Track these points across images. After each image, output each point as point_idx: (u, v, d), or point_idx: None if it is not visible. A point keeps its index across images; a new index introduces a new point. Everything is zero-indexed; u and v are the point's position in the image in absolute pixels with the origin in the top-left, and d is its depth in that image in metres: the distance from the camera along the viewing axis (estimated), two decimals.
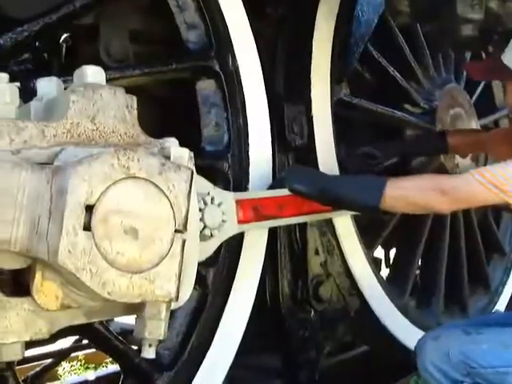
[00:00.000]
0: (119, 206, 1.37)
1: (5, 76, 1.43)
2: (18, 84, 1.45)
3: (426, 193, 2.20)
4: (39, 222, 1.32)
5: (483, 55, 3.94)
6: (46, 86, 1.59)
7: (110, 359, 4.59)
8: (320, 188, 2.27)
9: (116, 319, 3.41)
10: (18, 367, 2.27)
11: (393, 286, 3.34)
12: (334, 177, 2.58)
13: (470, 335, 2.30)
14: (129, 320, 3.30)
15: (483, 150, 3.52)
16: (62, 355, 3.97)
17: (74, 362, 4.90)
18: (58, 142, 1.42)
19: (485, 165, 3.84)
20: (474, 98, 4.03)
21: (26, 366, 3.71)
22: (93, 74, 1.52)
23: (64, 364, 4.78)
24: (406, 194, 2.22)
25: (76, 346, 4.17)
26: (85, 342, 4.08)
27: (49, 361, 3.79)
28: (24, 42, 1.94)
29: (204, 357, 2.30)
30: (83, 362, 4.89)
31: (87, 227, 1.33)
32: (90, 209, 1.33)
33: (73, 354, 4.47)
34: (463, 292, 3.89)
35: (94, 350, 4.41)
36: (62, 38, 2.64)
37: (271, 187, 2.42)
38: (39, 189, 1.32)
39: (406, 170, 3.34)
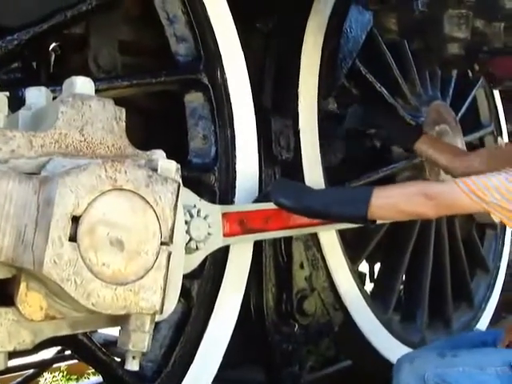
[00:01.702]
0: (105, 218, 1.37)
1: None
2: (7, 93, 1.45)
3: (411, 199, 2.21)
4: (25, 231, 1.32)
5: (469, 73, 3.99)
6: (35, 95, 1.60)
7: (92, 370, 4.56)
8: (306, 202, 2.27)
9: (99, 330, 3.39)
10: None
11: (377, 301, 3.35)
12: (320, 190, 2.58)
13: (446, 358, 2.30)
14: (112, 331, 3.30)
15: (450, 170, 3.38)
16: (44, 366, 3.95)
17: (56, 373, 4.87)
18: (45, 152, 1.42)
19: None
20: (459, 114, 4.06)
21: (8, 376, 3.69)
22: (82, 84, 1.52)
23: (46, 375, 4.75)
24: (393, 202, 2.23)
25: (58, 357, 4.14)
26: (67, 352, 4.05)
27: (31, 371, 3.77)
28: (14, 51, 1.94)
29: (187, 369, 2.29)
30: (65, 372, 4.86)
31: (73, 238, 1.32)
32: (76, 220, 1.33)
33: (55, 365, 4.44)
34: (447, 307, 3.91)
35: (76, 360, 4.38)
36: (51, 47, 2.64)
37: (257, 201, 2.42)
38: (26, 198, 1.32)
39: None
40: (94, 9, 2.12)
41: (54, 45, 2.64)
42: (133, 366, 1.51)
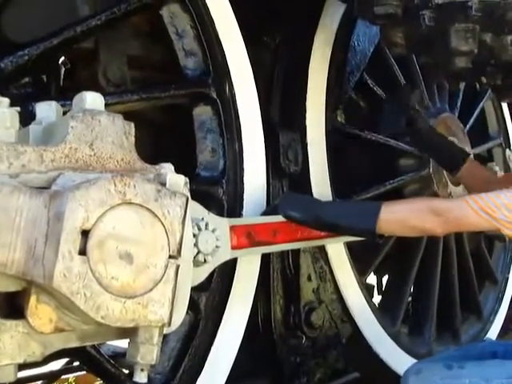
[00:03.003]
0: (115, 231, 1.38)
1: (6, 100, 1.45)
2: (18, 108, 1.47)
3: (420, 215, 2.22)
4: (35, 245, 1.33)
5: (477, 85, 4.00)
6: (45, 110, 1.61)
7: (100, 382, 4.56)
8: (314, 215, 2.28)
9: (107, 342, 3.40)
10: None
11: (385, 313, 3.35)
12: (328, 203, 2.60)
13: (452, 369, 2.29)
14: (120, 343, 3.30)
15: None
16: (52, 377, 3.95)
17: None
18: (56, 166, 1.44)
19: None
20: (467, 127, 4.07)
21: None
22: (92, 99, 1.54)
23: None
24: (401, 217, 2.24)
25: (66, 368, 4.15)
26: (75, 364, 4.06)
27: (39, 383, 3.77)
28: (24, 66, 1.96)
29: (195, 382, 2.29)
30: None
31: (83, 252, 1.34)
32: (85, 233, 1.34)
33: (63, 376, 4.44)
34: (455, 320, 3.90)
35: (84, 372, 4.38)
36: (60, 61, 2.67)
37: (265, 213, 2.43)
38: (37, 213, 1.33)
39: (398, 197, 3.36)
40: (104, 24, 2.15)
41: (63, 59, 2.68)
42: (141, 378, 1.52)
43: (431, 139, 3.23)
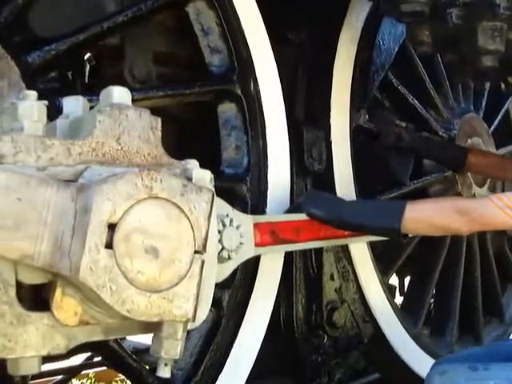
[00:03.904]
0: (141, 225, 1.39)
1: (33, 94, 1.46)
2: (46, 102, 1.48)
3: (445, 214, 2.20)
4: (62, 238, 1.34)
5: (502, 85, 3.97)
6: (72, 104, 1.62)
7: (121, 378, 4.59)
8: (337, 214, 2.28)
9: (128, 338, 3.42)
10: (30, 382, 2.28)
11: (407, 314, 3.33)
12: (352, 202, 2.58)
13: (477, 371, 2.27)
14: (142, 339, 3.32)
15: (503, 176, 3.46)
16: (72, 372, 3.98)
17: (85, 380, 4.89)
18: (83, 160, 1.45)
19: None
20: (492, 127, 4.04)
21: (37, 381, 3.72)
22: (119, 94, 1.54)
23: (74, 381, 4.78)
24: (426, 216, 2.23)
25: (87, 364, 4.17)
26: (96, 359, 4.09)
27: (59, 377, 3.80)
28: (51, 61, 1.98)
29: (216, 379, 2.29)
30: (94, 379, 4.89)
31: (109, 245, 1.34)
32: (112, 227, 1.35)
33: (84, 372, 4.47)
34: (477, 322, 3.87)
35: (104, 367, 4.40)
36: (86, 57, 2.68)
37: (289, 211, 2.43)
38: (64, 206, 1.34)
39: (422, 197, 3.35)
40: (130, 20, 2.16)
41: (88, 55, 2.69)
42: (165, 373, 1.53)
43: (425, 146, 3.32)
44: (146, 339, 3.04)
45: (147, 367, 2.18)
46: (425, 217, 2.23)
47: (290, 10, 2.74)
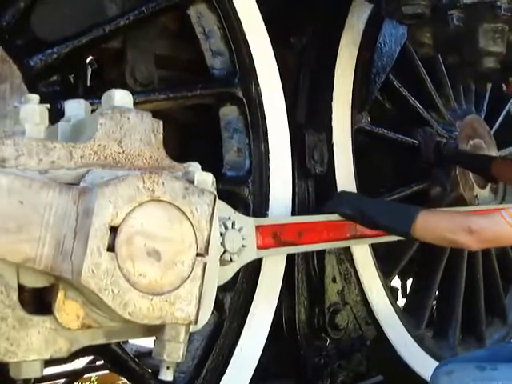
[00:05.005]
0: (143, 228, 1.39)
1: (36, 97, 1.46)
2: (47, 105, 1.48)
3: (454, 230, 2.26)
4: (64, 241, 1.33)
5: (504, 87, 3.96)
6: (74, 107, 1.62)
7: (123, 381, 4.58)
8: (360, 211, 2.44)
9: (131, 341, 3.42)
10: None
11: (409, 316, 3.32)
12: (373, 201, 2.70)
13: (485, 371, 2.27)
14: (144, 342, 3.31)
15: None
16: (75, 375, 3.97)
17: (87, 383, 4.89)
18: (84, 163, 1.44)
19: (503, 196, 3.85)
20: (494, 129, 4.03)
21: None
22: (121, 97, 1.54)
23: None
24: (436, 227, 2.31)
25: (89, 367, 4.17)
26: (98, 362, 4.08)
27: (62, 381, 3.79)
28: (53, 64, 1.98)
29: (219, 382, 2.29)
30: (96, 383, 4.88)
31: (111, 248, 1.34)
32: (114, 230, 1.35)
33: (86, 375, 4.46)
34: (480, 324, 3.86)
35: (107, 371, 4.40)
36: (88, 60, 2.69)
37: (322, 211, 2.50)
38: (66, 208, 1.34)
39: (425, 200, 3.35)
40: (132, 23, 2.16)
41: (90, 58, 2.69)
42: (167, 375, 1.52)
43: (461, 160, 3.49)
44: (148, 342, 3.04)
45: (149, 370, 2.18)
46: (435, 227, 2.31)
47: (291, 14, 2.74)
